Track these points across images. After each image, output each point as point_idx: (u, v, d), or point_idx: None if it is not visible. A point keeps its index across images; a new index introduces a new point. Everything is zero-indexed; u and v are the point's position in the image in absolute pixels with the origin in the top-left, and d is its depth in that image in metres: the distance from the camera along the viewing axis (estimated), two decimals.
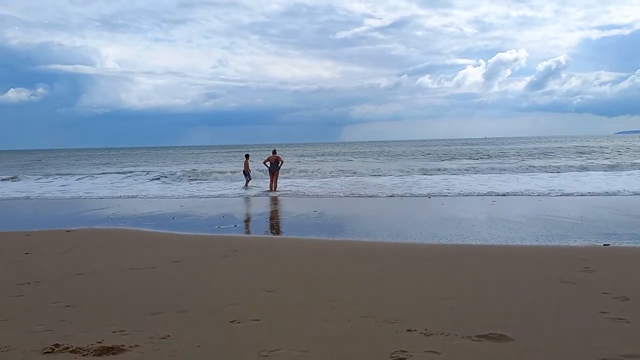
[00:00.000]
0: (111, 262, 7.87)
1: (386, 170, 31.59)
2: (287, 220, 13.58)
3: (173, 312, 5.12)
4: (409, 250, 8.70)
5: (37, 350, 4.13)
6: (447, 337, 4.26)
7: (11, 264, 7.91)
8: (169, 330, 4.52)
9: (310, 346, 4.12)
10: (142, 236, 10.83)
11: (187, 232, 11.18)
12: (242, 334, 4.47)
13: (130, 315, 5.04)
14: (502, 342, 4.18)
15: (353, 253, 8.48)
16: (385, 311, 5.01)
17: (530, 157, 44.92)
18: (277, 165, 21.16)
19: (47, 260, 8.24)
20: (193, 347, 4.14)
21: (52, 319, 4.98)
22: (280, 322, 4.77)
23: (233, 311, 5.12)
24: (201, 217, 14.11)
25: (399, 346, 4.05)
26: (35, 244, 9.65)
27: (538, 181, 21.95)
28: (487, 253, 8.25)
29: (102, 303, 5.59)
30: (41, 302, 5.65)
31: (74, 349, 4.13)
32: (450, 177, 25.90)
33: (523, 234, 10.02)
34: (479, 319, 4.75)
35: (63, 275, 7.07)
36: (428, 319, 4.73)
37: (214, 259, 8.12)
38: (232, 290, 6.11)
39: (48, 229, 11.94)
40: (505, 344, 4.14)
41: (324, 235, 10.55)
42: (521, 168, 29.80)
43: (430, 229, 10.98)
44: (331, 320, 4.81)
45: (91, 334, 4.46)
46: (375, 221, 12.80)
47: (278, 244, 9.96)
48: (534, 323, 4.66)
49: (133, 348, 4.13)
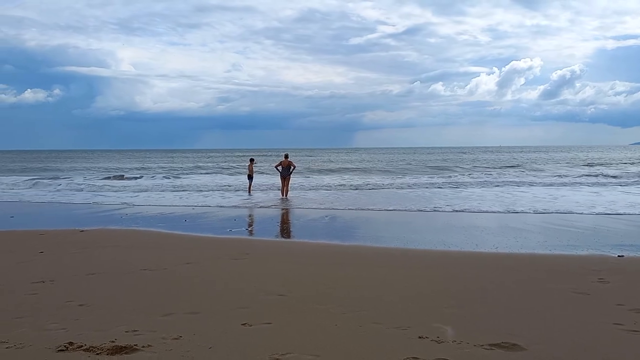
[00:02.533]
0: (124, 263, 7.94)
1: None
2: (298, 225, 13.60)
3: (185, 314, 5.15)
4: (420, 257, 8.67)
5: (51, 348, 4.17)
6: (459, 345, 4.24)
7: (26, 263, 8.01)
8: (181, 331, 4.55)
9: (321, 350, 4.12)
10: (155, 237, 10.90)
11: (198, 234, 11.24)
12: (254, 337, 4.48)
13: (143, 316, 5.08)
14: (514, 351, 4.15)
15: (364, 259, 8.48)
16: (396, 318, 5.00)
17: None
18: (289, 170, 21.16)
19: (61, 259, 8.33)
20: (205, 349, 4.16)
21: (66, 318, 5.03)
22: (291, 326, 4.78)
23: (244, 314, 5.14)
24: (212, 220, 14.18)
25: (410, 353, 4.04)
26: (49, 244, 9.76)
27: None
28: (499, 262, 8.20)
29: (115, 303, 5.64)
30: (55, 301, 5.71)
31: (87, 347, 4.17)
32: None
33: (534, 243, 9.94)
34: (491, 327, 4.72)
35: (76, 274, 7.14)
36: (439, 327, 4.70)
37: (225, 261, 8.15)
38: (243, 293, 6.13)
39: (62, 229, 12.07)
40: (517, 353, 4.11)
41: (336, 240, 10.55)
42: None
43: (440, 236, 10.95)
44: (342, 325, 4.81)
45: (104, 333, 4.50)
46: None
47: (289, 247, 9.98)
48: (547, 333, 4.62)
49: (146, 348, 4.16)
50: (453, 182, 27.43)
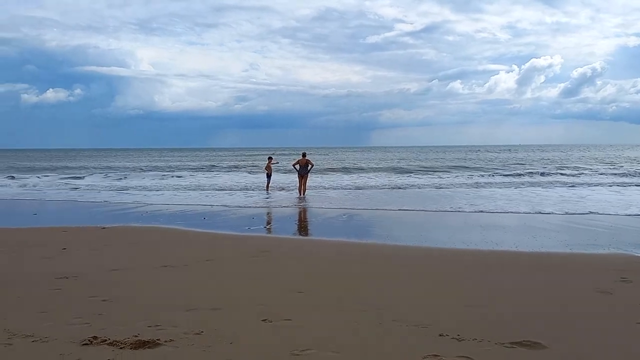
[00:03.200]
0: (145, 259, 8.04)
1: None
2: (316, 223, 13.62)
3: (206, 309, 5.20)
4: (440, 255, 8.63)
5: (76, 342, 4.25)
6: (480, 343, 4.22)
7: (49, 259, 8.15)
8: (203, 327, 4.60)
9: (341, 347, 4.13)
10: (175, 234, 11.02)
11: (218, 232, 11.33)
12: (274, 333, 4.51)
13: (165, 311, 5.14)
14: (535, 349, 4.12)
15: (382, 256, 8.46)
16: (416, 315, 4.99)
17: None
18: (307, 169, 21.17)
19: (84, 255, 8.46)
20: (226, 344, 4.20)
21: (90, 313, 5.11)
22: (311, 323, 4.80)
23: (264, 310, 5.17)
24: (231, 218, 14.28)
25: (431, 350, 4.03)
26: (72, 240, 9.92)
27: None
28: (519, 260, 8.12)
29: (137, 298, 5.72)
30: (78, 296, 5.81)
31: (111, 341, 4.24)
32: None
33: (555, 242, 9.83)
34: (512, 325, 4.69)
35: (99, 270, 7.25)
36: (460, 325, 4.68)
37: (245, 258, 8.20)
38: (263, 289, 6.17)
39: (84, 226, 12.26)
40: (538, 352, 4.08)
41: (354, 238, 10.55)
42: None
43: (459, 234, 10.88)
44: (362, 322, 4.82)
45: (127, 328, 4.57)
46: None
47: (307, 245, 10.01)
48: (569, 331, 4.58)
49: (168, 342, 4.21)
50: (473, 182, 27.21)
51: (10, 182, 30.29)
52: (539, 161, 50.52)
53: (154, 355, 3.99)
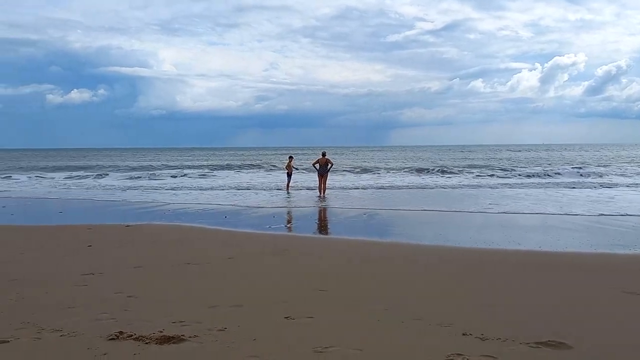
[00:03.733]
0: (168, 257, 8.14)
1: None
2: (336, 222, 13.63)
3: (229, 306, 5.25)
4: (462, 254, 8.57)
5: (103, 337, 4.33)
6: (504, 342, 4.19)
7: (76, 256, 8.31)
8: (226, 323, 4.64)
9: (364, 345, 4.13)
10: (197, 232, 11.13)
11: (239, 230, 11.42)
12: (296, 330, 4.54)
13: (189, 307, 5.21)
14: (561, 349, 4.07)
15: (403, 255, 8.44)
16: (438, 314, 4.97)
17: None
18: (326, 168, 21.16)
19: (109, 252, 8.61)
20: (249, 340, 4.24)
21: (115, 308, 5.20)
22: (333, 321, 4.81)
23: (286, 308, 5.20)
24: (252, 217, 14.37)
25: (454, 349, 4.00)
26: (97, 237, 10.09)
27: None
28: (544, 259, 8.02)
29: (161, 295, 5.80)
30: (104, 292, 5.92)
31: (137, 336, 4.31)
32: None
33: (581, 242, 9.68)
34: (537, 325, 4.64)
35: (124, 267, 7.37)
36: (483, 324, 4.65)
37: (266, 257, 8.25)
38: (284, 287, 6.21)
39: (108, 224, 12.47)
40: (564, 352, 4.03)
41: (375, 237, 10.54)
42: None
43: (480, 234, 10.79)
44: (384, 321, 4.81)
45: (152, 324, 4.64)
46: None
47: (327, 244, 10.03)
48: (595, 332, 4.51)
49: (192, 338, 4.27)
50: (496, 182, 26.94)
51: (35, 182, 30.93)
52: (564, 160, 49.72)
53: (179, 350, 4.05)
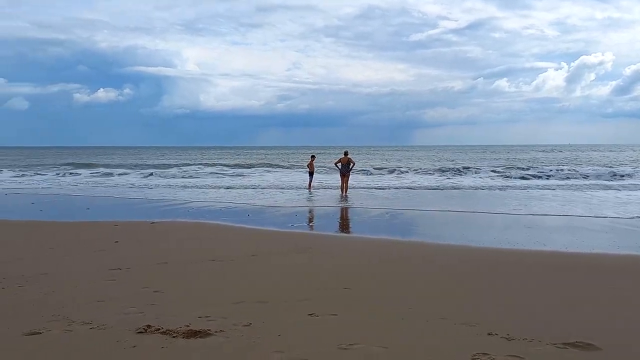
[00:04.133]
0: (192, 253, 8.25)
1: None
2: (358, 221, 13.62)
3: (254, 302, 5.31)
4: (486, 254, 8.49)
5: (131, 330, 4.42)
6: (530, 342, 4.14)
7: (103, 251, 8.47)
8: (251, 319, 4.69)
9: (389, 343, 4.13)
10: (221, 230, 11.25)
11: (262, 228, 11.50)
12: (321, 327, 4.56)
13: (214, 303, 5.28)
14: (589, 351, 4.02)
15: (427, 254, 8.40)
16: (463, 314, 4.94)
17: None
18: (349, 167, 21.15)
19: (135, 249, 8.76)
20: (274, 336, 4.28)
21: (143, 303, 5.30)
22: (357, 318, 4.83)
23: (310, 305, 5.23)
24: (274, 215, 14.45)
25: (480, 349, 3.98)
26: (123, 234, 10.27)
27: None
28: (571, 260, 7.90)
29: (187, 290, 5.89)
30: (132, 287, 6.04)
31: (164, 330, 4.39)
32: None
33: (609, 243, 9.50)
34: (564, 326, 4.58)
35: (150, 263, 7.49)
36: (509, 324, 4.61)
37: (289, 254, 8.30)
38: (308, 285, 6.24)
39: (134, 220, 12.68)
40: (592, 353, 3.97)
41: (397, 235, 10.51)
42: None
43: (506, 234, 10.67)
44: (408, 319, 4.81)
45: (179, 318, 4.72)
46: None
47: (350, 242, 10.03)
48: (624, 334, 4.44)
49: (218, 333, 4.33)
50: (522, 184, 26.58)
51: (62, 179, 31.58)
52: (590, 161, 48.78)
53: (206, 344, 4.11)
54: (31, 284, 6.18)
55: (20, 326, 4.54)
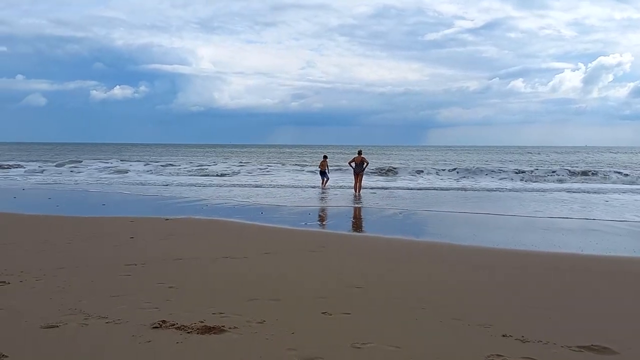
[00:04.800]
0: (207, 250, 8.31)
1: None
2: (371, 220, 13.60)
3: (267, 300, 5.33)
4: (501, 256, 8.43)
5: (147, 325, 4.47)
6: (545, 345, 4.12)
7: (119, 247, 8.56)
8: (265, 316, 4.72)
9: (402, 343, 4.13)
10: (235, 228, 11.30)
11: (275, 226, 11.53)
12: (334, 325, 4.57)
13: (228, 300, 5.31)
14: (605, 354, 3.98)
15: (440, 255, 8.37)
16: (477, 315, 4.92)
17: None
18: (362, 167, 21.13)
19: (150, 245, 8.83)
20: (288, 333, 4.30)
21: (158, 298, 5.35)
22: (370, 317, 4.83)
23: (324, 303, 5.25)
24: (288, 213, 14.49)
25: (494, 350, 3.96)
26: (139, 230, 10.37)
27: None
28: (587, 263, 7.82)
29: (201, 286, 5.94)
30: (147, 282, 6.09)
31: (179, 326, 4.43)
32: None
33: (624, 247, 9.39)
34: (580, 329, 4.54)
35: (165, 259, 7.55)
36: (524, 326, 4.58)
37: (303, 253, 8.32)
38: (322, 283, 6.25)
39: (149, 217, 12.79)
40: (608, 357, 3.94)
41: (411, 235, 10.48)
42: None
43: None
44: (422, 319, 4.80)
45: (193, 314, 4.76)
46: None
47: (363, 241, 10.02)
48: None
49: (232, 329, 4.36)
50: (539, 186, 26.32)
51: (77, 175, 31.94)
52: (609, 163, 48.16)
53: (220, 340, 4.14)
54: (49, 278, 6.26)
55: (38, 319, 4.60)
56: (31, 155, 59.93)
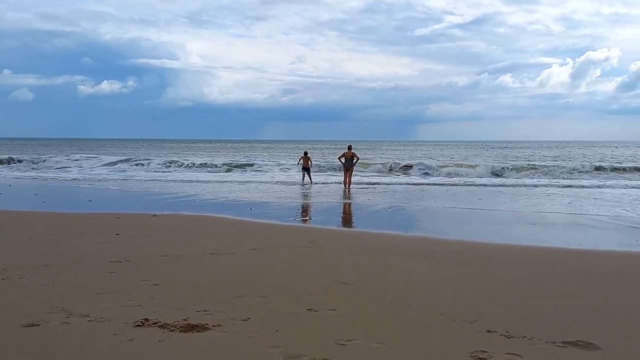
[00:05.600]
0: (194, 246, 8.25)
1: None
2: (361, 216, 13.59)
3: (253, 297, 5.29)
4: (487, 250, 8.45)
5: (129, 323, 4.42)
6: (530, 340, 4.12)
7: (104, 244, 8.47)
8: (250, 313, 4.68)
9: (387, 339, 4.12)
10: (222, 223, 11.24)
11: (263, 221, 11.49)
12: (320, 322, 4.55)
13: (213, 297, 5.27)
14: (589, 350, 3.99)
15: (428, 250, 8.37)
16: (463, 311, 4.92)
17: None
18: (352, 162, 21.13)
19: (136, 241, 8.75)
20: (272, 331, 4.27)
21: (142, 296, 5.29)
22: (356, 314, 4.81)
23: (310, 300, 5.22)
24: (277, 209, 14.44)
25: (478, 346, 3.96)
26: (125, 226, 10.27)
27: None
28: (572, 258, 7.85)
29: (186, 284, 5.88)
30: (131, 280, 6.03)
31: (162, 324, 4.38)
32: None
33: (611, 241, 9.45)
34: (565, 325, 4.55)
35: (150, 256, 7.48)
36: (509, 322, 4.59)
37: (290, 249, 8.28)
38: (308, 280, 6.22)
39: (136, 212, 12.69)
40: (592, 352, 3.95)
41: (399, 230, 10.48)
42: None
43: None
44: (408, 315, 4.79)
45: (177, 312, 4.71)
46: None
47: (352, 237, 9.99)
48: (625, 333, 4.40)
49: (216, 327, 4.32)
50: (532, 182, 26.46)
51: (66, 171, 31.64)
52: (599, 158, 48.53)
53: (203, 339, 4.10)
54: (32, 275, 6.18)
55: (20, 318, 4.53)
56: (15, 150, 59.28)
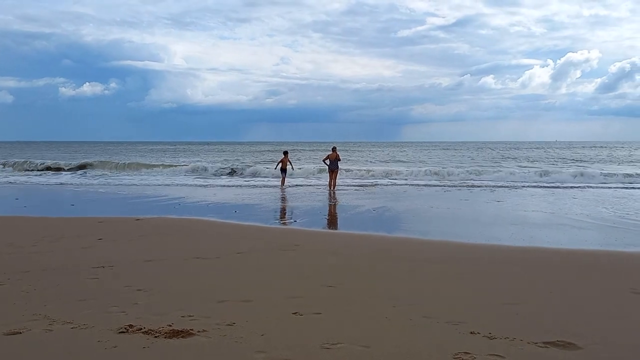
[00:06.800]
0: (177, 251, 8.20)
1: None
2: (346, 217, 13.63)
3: (238, 301, 5.29)
4: (472, 252, 8.53)
5: (113, 330, 4.38)
6: (512, 341, 4.17)
7: (87, 249, 8.39)
8: (235, 318, 4.67)
9: (371, 342, 4.14)
10: (207, 226, 11.18)
11: (248, 224, 11.46)
12: (305, 326, 4.56)
13: (198, 302, 5.24)
14: (569, 349, 4.05)
15: (413, 252, 8.42)
16: (447, 312, 4.96)
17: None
18: (337, 164, 21.21)
19: (119, 246, 8.68)
20: (257, 335, 4.27)
21: (125, 302, 5.26)
22: (341, 317, 4.83)
23: (295, 303, 5.22)
24: (262, 212, 14.42)
25: (461, 348, 4.00)
26: (108, 231, 10.17)
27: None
28: (553, 258, 7.96)
29: (171, 289, 5.84)
30: (115, 285, 5.97)
31: (146, 330, 4.35)
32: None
33: (592, 239, 9.60)
34: (546, 325, 4.62)
35: (134, 261, 7.43)
36: (492, 323, 4.64)
37: (275, 252, 8.27)
38: (294, 283, 6.22)
39: (119, 217, 12.57)
40: (573, 352, 4.01)
41: (383, 231, 10.54)
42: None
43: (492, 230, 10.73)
44: (392, 318, 4.82)
45: (161, 318, 4.68)
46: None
47: (337, 239, 10.02)
48: (604, 333, 4.48)
49: (201, 333, 4.30)
50: (511, 182, 26.73)
51: (48, 175, 31.23)
52: (582, 159, 49.23)
53: (188, 344, 4.08)
54: (13, 282, 6.10)
55: (1, 326, 4.47)
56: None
